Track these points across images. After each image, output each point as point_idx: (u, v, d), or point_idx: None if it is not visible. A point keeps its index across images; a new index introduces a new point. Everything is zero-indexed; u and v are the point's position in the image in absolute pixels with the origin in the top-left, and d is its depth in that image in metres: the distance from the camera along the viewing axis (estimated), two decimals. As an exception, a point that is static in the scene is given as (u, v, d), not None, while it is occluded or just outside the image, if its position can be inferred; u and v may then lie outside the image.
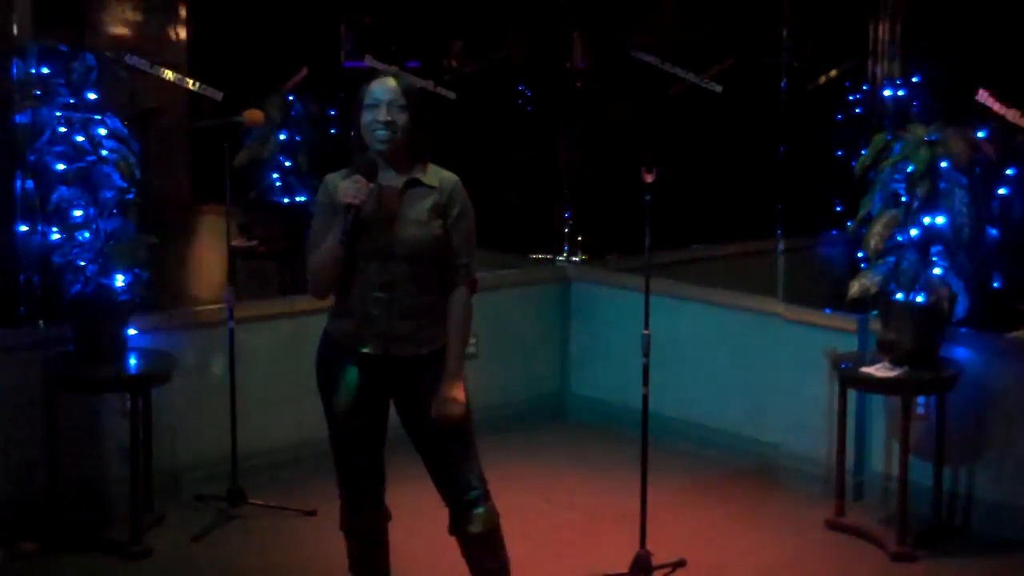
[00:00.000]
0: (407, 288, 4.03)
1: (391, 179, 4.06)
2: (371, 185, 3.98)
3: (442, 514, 4.26)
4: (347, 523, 4.28)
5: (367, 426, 4.16)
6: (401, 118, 4.01)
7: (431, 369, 4.08)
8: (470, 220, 4.13)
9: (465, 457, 4.15)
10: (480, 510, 4.17)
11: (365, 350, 4.08)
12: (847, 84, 6.87)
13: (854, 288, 5.46)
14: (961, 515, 5.60)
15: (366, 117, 4.03)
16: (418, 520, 4.70)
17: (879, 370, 5.36)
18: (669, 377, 6.18)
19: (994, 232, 5.70)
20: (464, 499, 4.16)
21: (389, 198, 4.04)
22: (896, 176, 5.41)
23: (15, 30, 5.44)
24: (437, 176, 4.10)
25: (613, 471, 6.06)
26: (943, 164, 5.35)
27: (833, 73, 6.94)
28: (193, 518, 5.52)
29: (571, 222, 7.40)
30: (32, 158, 5.32)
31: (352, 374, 4.12)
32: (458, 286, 4.11)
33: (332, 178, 4.12)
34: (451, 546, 4.29)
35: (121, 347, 5.33)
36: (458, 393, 4.06)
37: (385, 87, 4.03)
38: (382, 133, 4.00)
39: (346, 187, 3.96)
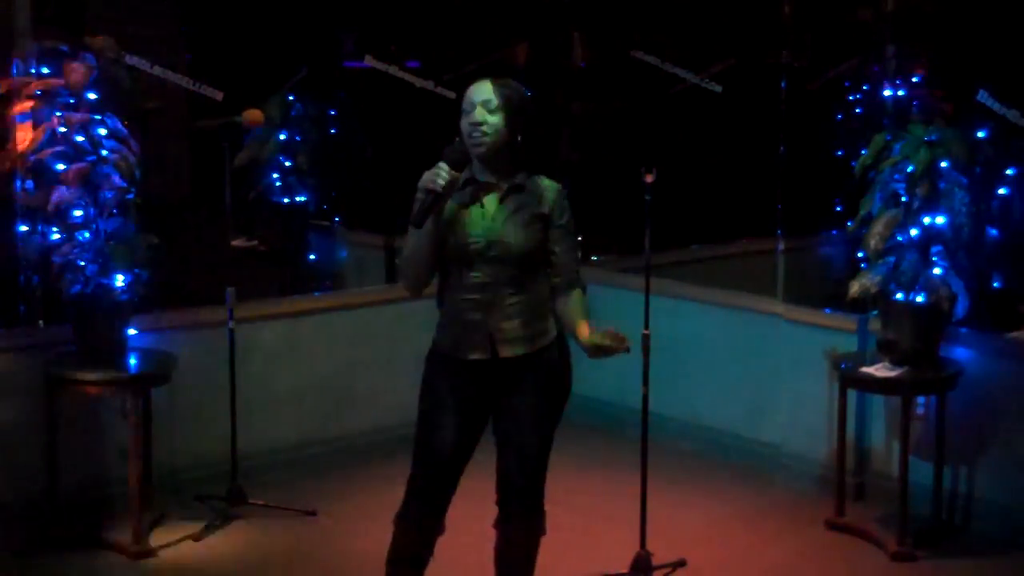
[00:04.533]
0: (505, 290, 4.03)
1: (494, 182, 4.05)
2: (456, 175, 3.95)
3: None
4: (401, 517, 4.17)
5: (460, 438, 4.12)
6: (493, 119, 3.98)
7: (537, 369, 4.09)
8: (573, 229, 4.14)
9: (539, 464, 4.17)
10: (528, 519, 4.19)
11: (474, 356, 4.07)
12: (847, 84, 6.87)
13: (854, 288, 5.46)
14: (961, 515, 5.61)
15: (464, 123, 4.01)
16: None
17: (879, 370, 5.37)
18: (669, 377, 6.17)
19: (994, 232, 5.70)
20: (516, 504, 4.17)
21: (490, 199, 4.04)
22: (896, 176, 5.41)
23: (15, 30, 5.44)
24: (541, 184, 4.10)
25: (613, 471, 6.06)
26: (943, 164, 5.35)
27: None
28: (193, 518, 5.52)
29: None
30: (32, 158, 5.32)
31: (459, 385, 4.10)
32: (572, 291, 4.13)
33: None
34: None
35: (121, 347, 5.33)
36: (607, 332, 4.05)
37: (480, 90, 4.01)
38: (475, 135, 3.98)
39: (429, 174, 3.94)
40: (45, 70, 5.36)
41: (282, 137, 7.17)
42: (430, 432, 4.13)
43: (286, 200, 7.30)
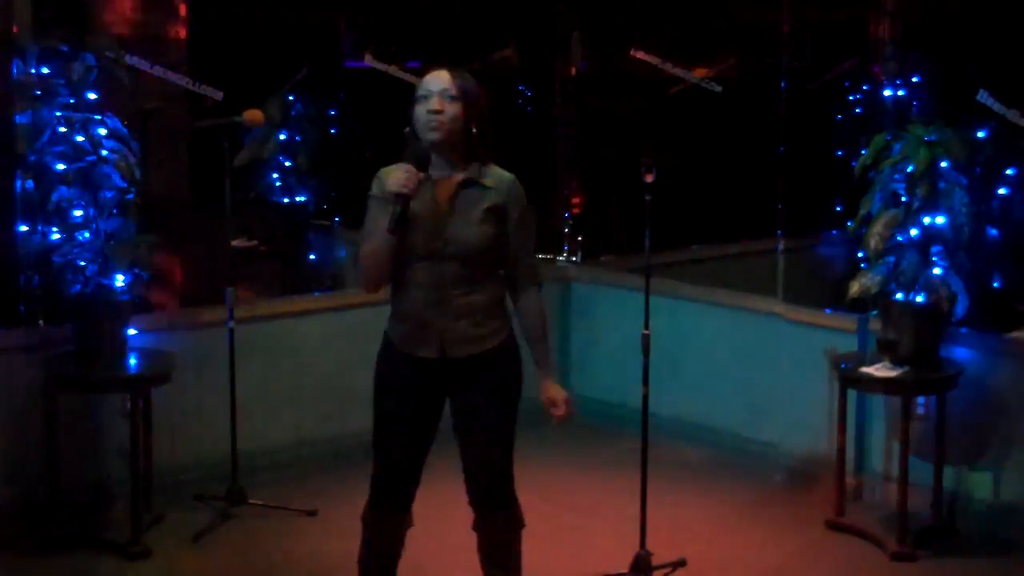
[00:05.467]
0: (459, 288, 4.01)
1: (446, 176, 4.03)
2: (421, 175, 3.94)
3: (456, 519, 4.24)
4: (368, 514, 4.23)
5: (414, 431, 4.13)
6: (451, 108, 3.97)
7: (488, 369, 4.08)
8: (530, 220, 4.12)
9: (503, 461, 4.15)
10: (504, 514, 4.17)
11: (423, 354, 4.07)
12: (847, 84, 6.87)
13: (854, 288, 5.47)
14: (961, 515, 5.60)
15: (418, 110, 4.00)
16: (432, 525, 4.68)
17: (879, 370, 5.36)
18: (669, 377, 6.18)
19: (994, 232, 5.70)
20: (491, 501, 4.16)
21: (442, 194, 4.02)
22: (896, 176, 5.41)
23: (15, 30, 5.44)
24: (495, 175, 4.07)
25: (613, 471, 6.06)
26: (943, 164, 5.35)
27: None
28: (193, 518, 5.52)
29: (571, 222, 7.40)
30: (32, 158, 5.32)
31: (409, 379, 4.11)
32: (528, 287, 4.12)
33: (387, 171, 4.07)
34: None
35: (121, 347, 5.33)
36: (562, 391, 4.16)
37: (438, 78, 4.00)
38: (432, 123, 3.96)
39: (396, 177, 3.92)
40: (45, 70, 5.36)
41: (282, 137, 7.18)
42: (387, 428, 4.14)
43: (286, 200, 7.30)
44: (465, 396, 4.11)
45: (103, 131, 5.29)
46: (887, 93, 6.07)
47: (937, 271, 5.37)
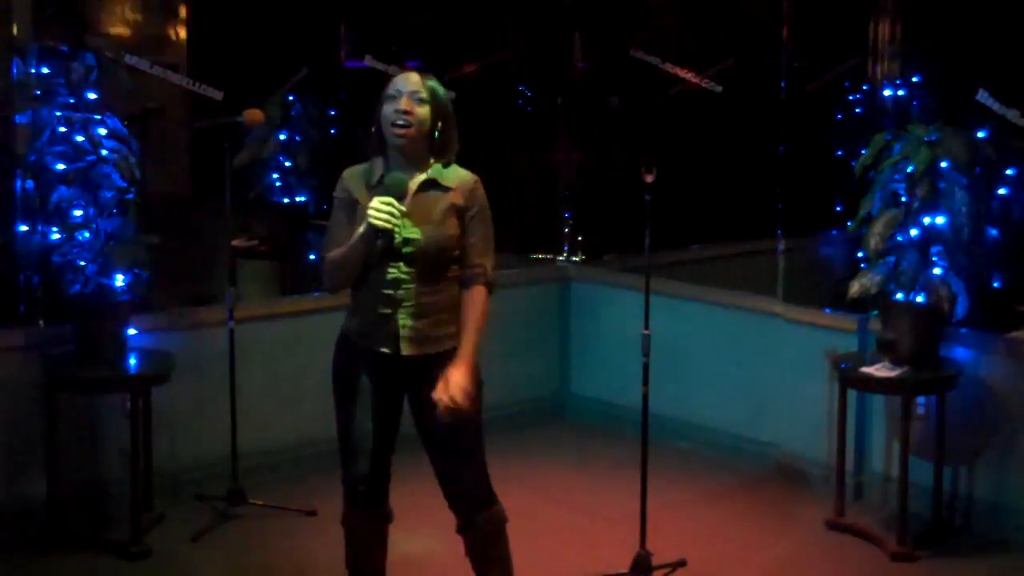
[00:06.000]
0: (418, 287, 4.02)
1: (407, 176, 4.03)
2: (401, 208, 3.93)
3: (443, 517, 4.25)
4: (346, 516, 4.28)
5: (375, 429, 4.14)
6: (420, 110, 4.00)
7: (444, 366, 4.05)
8: (488, 221, 4.11)
9: (471, 459, 4.14)
10: (484, 513, 4.16)
11: (379, 349, 4.07)
12: (847, 84, 6.87)
13: (854, 288, 5.47)
14: (961, 515, 5.60)
15: (386, 109, 4.02)
16: (420, 523, 4.69)
17: (879, 370, 5.36)
18: (669, 377, 6.17)
19: (994, 232, 5.69)
20: (468, 501, 4.15)
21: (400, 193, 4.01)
22: (896, 176, 5.41)
23: (15, 30, 5.44)
24: (455, 176, 4.08)
25: (613, 471, 6.06)
26: (943, 164, 5.35)
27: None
28: (193, 518, 5.52)
29: (571, 222, 7.40)
30: (32, 158, 5.32)
31: (366, 374, 4.11)
32: (476, 286, 4.09)
33: (350, 172, 4.11)
34: (451, 549, 4.29)
35: (121, 347, 5.33)
36: (465, 381, 3.98)
37: (407, 80, 4.03)
38: (400, 123, 3.98)
39: (377, 209, 3.90)
40: (45, 70, 5.36)
41: (282, 137, 7.17)
42: (348, 424, 4.15)
43: (286, 200, 7.30)
44: (421, 395, 4.08)
45: (103, 131, 5.29)
46: (887, 93, 6.07)
47: (937, 271, 5.37)
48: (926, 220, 5.36)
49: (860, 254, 5.60)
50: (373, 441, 4.15)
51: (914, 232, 5.38)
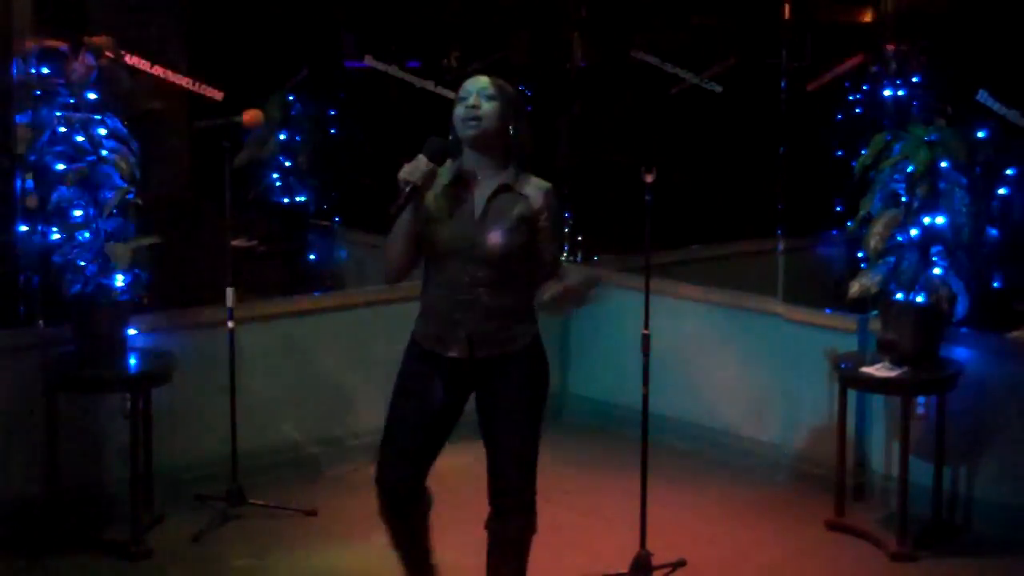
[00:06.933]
0: (488, 290, 4.05)
1: (484, 178, 4.08)
2: (432, 165, 3.98)
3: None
4: (382, 513, 4.27)
5: (430, 421, 4.16)
6: (488, 107, 4.04)
7: (516, 364, 4.11)
8: (560, 225, 4.21)
9: (525, 460, 4.16)
10: (521, 518, 4.19)
11: (451, 354, 4.10)
12: (847, 84, 6.87)
13: (854, 288, 5.47)
14: (961, 515, 5.61)
15: (458, 110, 4.08)
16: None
17: (879, 370, 5.37)
18: (669, 377, 6.18)
19: (994, 232, 5.70)
20: (508, 500, 4.17)
21: (477, 196, 4.07)
22: (896, 176, 5.41)
23: (15, 30, 5.44)
24: (529, 183, 4.12)
25: (613, 471, 6.06)
26: (943, 164, 5.35)
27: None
28: (193, 518, 5.52)
29: (571, 222, 7.40)
30: (32, 158, 5.32)
31: (433, 377, 4.13)
32: (548, 281, 4.13)
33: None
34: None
35: (121, 347, 5.33)
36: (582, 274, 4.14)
37: (477, 81, 4.09)
38: (470, 119, 4.03)
39: (408, 167, 3.99)
40: (45, 70, 5.36)
41: (282, 137, 7.17)
42: (399, 427, 4.16)
43: (286, 200, 7.29)
44: (492, 397, 4.14)
45: (103, 131, 5.29)
46: (887, 93, 6.07)
47: (937, 271, 5.37)
48: (926, 220, 5.36)
49: (860, 254, 5.60)
50: (417, 432, 4.16)
51: (914, 232, 5.38)
